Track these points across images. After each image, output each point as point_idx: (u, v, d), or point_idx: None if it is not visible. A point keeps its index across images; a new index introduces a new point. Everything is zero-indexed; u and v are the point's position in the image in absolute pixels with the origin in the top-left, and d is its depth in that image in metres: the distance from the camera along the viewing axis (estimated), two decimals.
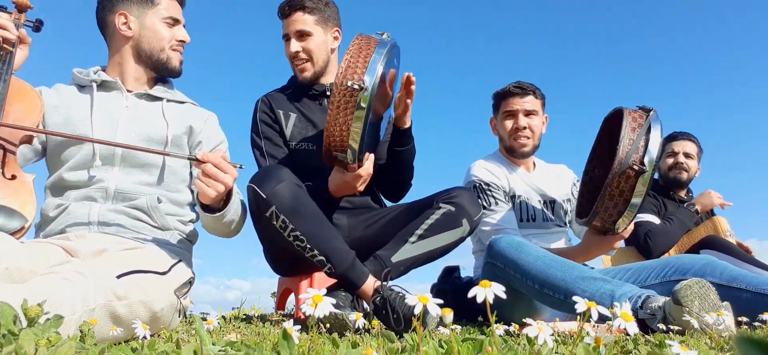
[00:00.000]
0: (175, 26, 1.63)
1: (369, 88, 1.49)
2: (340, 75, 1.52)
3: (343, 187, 1.71)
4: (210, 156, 1.34)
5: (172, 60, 1.63)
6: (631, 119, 1.72)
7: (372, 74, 1.51)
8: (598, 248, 1.92)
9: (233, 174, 1.36)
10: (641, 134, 1.67)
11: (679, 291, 1.32)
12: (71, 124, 1.50)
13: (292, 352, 0.72)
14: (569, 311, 1.63)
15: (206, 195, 1.34)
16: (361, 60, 1.54)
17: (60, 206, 1.45)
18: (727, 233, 2.58)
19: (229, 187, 1.37)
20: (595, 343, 0.72)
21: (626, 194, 1.67)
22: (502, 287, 0.60)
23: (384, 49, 1.56)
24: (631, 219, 1.77)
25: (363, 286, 1.53)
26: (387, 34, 1.63)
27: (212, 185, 1.33)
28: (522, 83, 2.22)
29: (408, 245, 1.64)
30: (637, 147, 1.65)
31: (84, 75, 1.59)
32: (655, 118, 1.72)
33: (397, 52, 1.72)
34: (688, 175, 2.78)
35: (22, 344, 0.65)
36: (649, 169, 1.64)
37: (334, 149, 1.58)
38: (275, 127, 1.92)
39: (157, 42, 1.59)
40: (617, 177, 1.66)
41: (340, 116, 1.53)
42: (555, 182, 2.30)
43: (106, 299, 1.09)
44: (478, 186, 2.13)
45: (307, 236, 1.52)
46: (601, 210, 1.74)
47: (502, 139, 2.27)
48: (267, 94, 1.99)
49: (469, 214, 1.70)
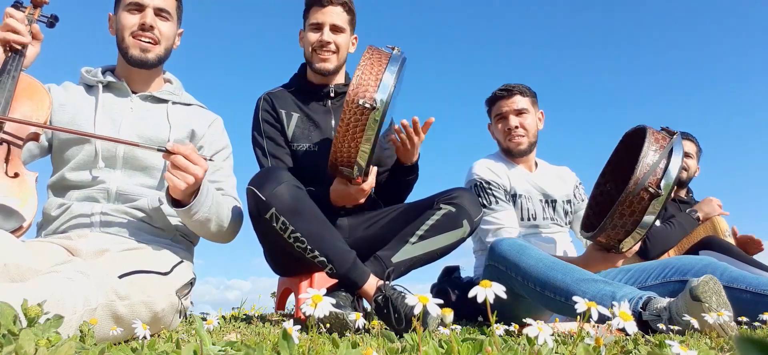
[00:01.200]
0: (139, 11, 1.52)
1: (381, 109, 1.49)
2: (351, 92, 1.51)
3: (346, 197, 1.72)
4: (180, 147, 1.30)
5: (130, 48, 1.52)
6: (654, 140, 1.69)
7: (384, 93, 1.50)
8: (600, 264, 1.92)
9: (203, 166, 1.33)
10: (662, 157, 1.64)
11: (697, 288, 1.31)
12: (76, 123, 1.50)
13: (292, 352, 0.72)
14: (570, 313, 1.63)
15: (176, 188, 1.31)
16: (372, 77, 1.53)
17: (62, 205, 1.45)
18: (726, 233, 2.58)
19: (199, 178, 1.33)
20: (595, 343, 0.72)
21: (637, 214, 1.65)
22: (502, 287, 0.60)
23: (396, 65, 1.56)
24: (638, 241, 1.75)
25: (364, 286, 1.53)
26: (398, 49, 1.62)
27: (181, 177, 1.30)
28: (508, 85, 2.23)
29: (408, 245, 1.64)
30: (656, 170, 1.63)
31: (92, 75, 1.59)
32: (678, 142, 1.68)
33: (406, 67, 1.73)
34: (687, 176, 2.78)
35: (22, 344, 0.65)
36: (665, 194, 1.61)
37: (341, 164, 1.59)
38: (277, 127, 1.91)
39: (120, 32, 1.54)
40: (631, 197, 1.63)
41: (349, 134, 1.52)
42: (556, 182, 2.30)
43: (107, 298, 1.09)
44: (479, 185, 2.14)
45: (308, 237, 1.52)
46: (609, 227, 1.72)
47: (499, 143, 2.29)
48: (269, 92, 1.98)
49: (470, 215, 1.70)
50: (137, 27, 1.52)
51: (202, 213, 1.41)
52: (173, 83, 1.70)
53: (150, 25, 1.52)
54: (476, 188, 2.13)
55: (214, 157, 1.47)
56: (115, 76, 1.61)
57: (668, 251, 2.51)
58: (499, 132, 2.24)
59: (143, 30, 1.52)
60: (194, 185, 1.33)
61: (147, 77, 1.62)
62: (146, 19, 1.51)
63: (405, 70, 1.78)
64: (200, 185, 1.37)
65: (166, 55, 1.60)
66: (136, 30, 1.52)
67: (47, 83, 1.57)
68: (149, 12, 1.52)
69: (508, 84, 2.24)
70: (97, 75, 1.59)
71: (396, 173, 1.89)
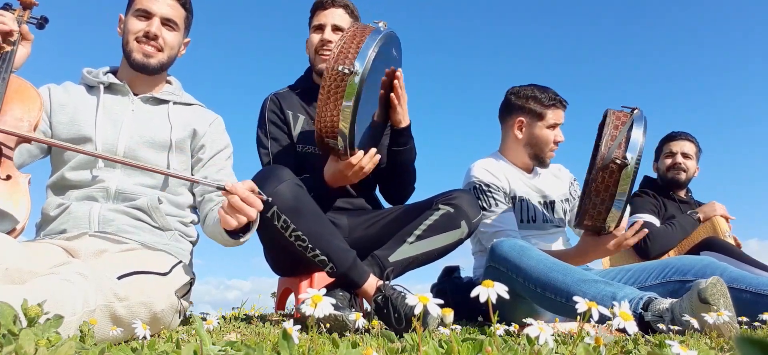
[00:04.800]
0: (146, 19, 1.55)
1: (359, 72, 1.49)
2: (331, 60, 1.52)
3: (337, 176, 1.71)
4: (238, 188, 1.31)
5: (133, 52, 1.54)
6: (615, 117, 1.77)
7: (363, 59, 1.50)
8: (595, 251, 1.92)
9: (258, 207, 1.34)
10: (624, 131, 1.71)
11: (706, 290, 1.30)
12: (76, 124, 1.50)
13: (292, 352, 0.72)
14: (571, 314, 1.63)
15: (227, 224, 1.33)
16: (353, 45, 1.54)
17: (61, 205, 1.45)
18: (726, 233, 2.58)
19: (253, 219, 1.35)
20: (595, 343, 0.72)
21: (611, 188, 1.70)
22: (504, 288, 0.60)
23: (377, 36, 1.56)
24: (620, 216, 1.78)
25: (364, 285, 1.53)
26: (384, 23, 1.62)
27: (236, 218, 1.32)
28: (562, 97, 2.16)
29: (406, 245, 1.64)
30: (619, 142, 1.69)
31: (93, 76, 1.59)
32: (639, 116, 1.75)
33: (395, 44, 1.71)
34: (686, 176, 2.77)
35: (22, 344, 0.65)
36: (632, 164, 1.67)
37: (326, 135, 1.58)
38: (283, 128, 1.92)
39: (126, 36, 1.56)
40: (601, 172, 1.70)
41: (330, 101, 1.53)
42: (554, 182, 2.30)
43: (106, 300, 1.09)
44: (478, 187, 2.13)
45: (309, 236, 1.52)
46: (589, 207, 1.77)
47: (533, 146, 2.18)
48: (276, 93, 1.99)
49: (468, 216, 1.70)
50: (142, 34, 1.54)
51: (245, 239, 1.43)
52: (173, 84, 1.70)
53: (154, 34, 1.54)
54: (475, 191, 2.13)
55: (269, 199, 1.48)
56: (116, 77, 1.61)
57: (668, 251, 2.51)
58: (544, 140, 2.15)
59: (148, 37, 1.54)
60: (245, 223, 1.35)
61: (149, 80, 1.62)
62: (152, 27, 1.54)
63: (400, 51, 1.77)
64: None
65: (169, 63, 1.62)
66: (141, 36, 1.54)
67: (46, 84, 1.56)
68: (156, 21, 1.55)
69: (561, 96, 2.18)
70: (98, 76, 1.59)
71: (392, 143, 1.88)
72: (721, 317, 1.19)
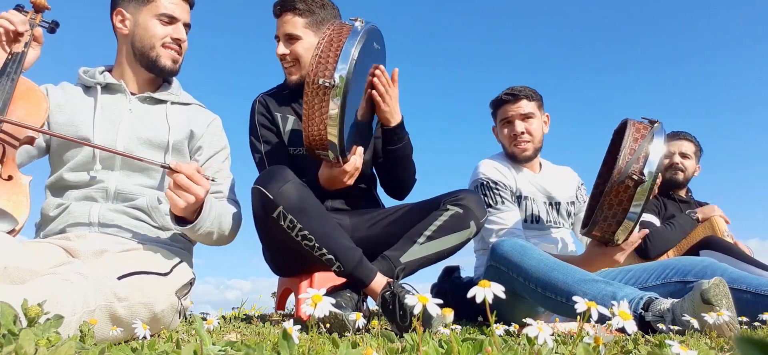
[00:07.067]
0: (170, 24, 1.56)
1: (341, 85, 1.46)
2: (310, 72, 1.48)
3: (332, 181, 1.70)
4: (183, 166, 1.30)
5: (161, 58, 1.56)
6: (635, 130, 1.72)
7: (344, 69, 1.47)
8: (600, 261, 1.92)
9: (205, 186, 1.33)
10: (643, 145, 1.67)
11: (708, 291, 1.30)
12: (74, 124, 1.50)
13: (292, 352, 0.72)
14: (571, 314, 1.63)
15: (176, 205, 1.31)
16: (331, 53, 1.48)
17: (60, 205, 1.45)
18: (724, 233, 2.58)
19: (201, 199, 1.33)
20: (594, 342, 0.72)
21: (625, 203, 1.67)
22: (501, 287, 0.60)
23: (356, 38, 1.50)
24: (630, 230, 1.77)
25: (371, 284, 1.53)
26: (360, 20, 1.57)
27: (182, 196, 1.30)
28: (514, 89, 2.21)
29: (416, 245, 1.64)
30: (638, 157, 1.66)
31: (89, 76, 1.59)
32: (659, 130, 1.71)
33: (376, 37, 1.67)
34: (684, 176, 2.76)
35: (22, 344, 0.65)
36: (649, 181, 1.64)
37: (316, 147, 1.57)
38: (273, 130, 1.90)
39: (148, 39, 1.55)
40: (616, 186, 1.66)
41: (315, 115, 1.50)
42: (561, 184, 2.30)
43: (106, 300, 1.09)
44: (485, 184, 2.13)
45: (316, 235, 1.52)
46: (600, 219, 1.74)
47: (504, 147, 2.27)
48: (263, 95, 1.97)
49: (476, 216, 1.70)
50: (170, 39, 1.56)
51: (205, 229, 1.41)
52: (171, 83, 1.70)
53: (182, 39, 1.58)
54: (482, 187, 2.13)
55: (215, 178, 1.47)
56: (112, 76, 1.60)
57: (666, 252, 2.51)
58: (505, 137, 2.23)
59: (174, 42, 1.57)
60: (195, 204, 1.33)
61: (152, 79, 1.62)
62: (180, 33, 1.58)
63: (382, 43, 1.72)
64: (202, 203, 1.36)
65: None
66: (169, 41, 1.56)
67: (44, 84, 1.56)
68: (180, 26, 1.58)
69: (514, 87, 2.21)
70: (94, 76, 1.58)
71: (384, 142, 1.86)
72: (721, 317, 1.19)
